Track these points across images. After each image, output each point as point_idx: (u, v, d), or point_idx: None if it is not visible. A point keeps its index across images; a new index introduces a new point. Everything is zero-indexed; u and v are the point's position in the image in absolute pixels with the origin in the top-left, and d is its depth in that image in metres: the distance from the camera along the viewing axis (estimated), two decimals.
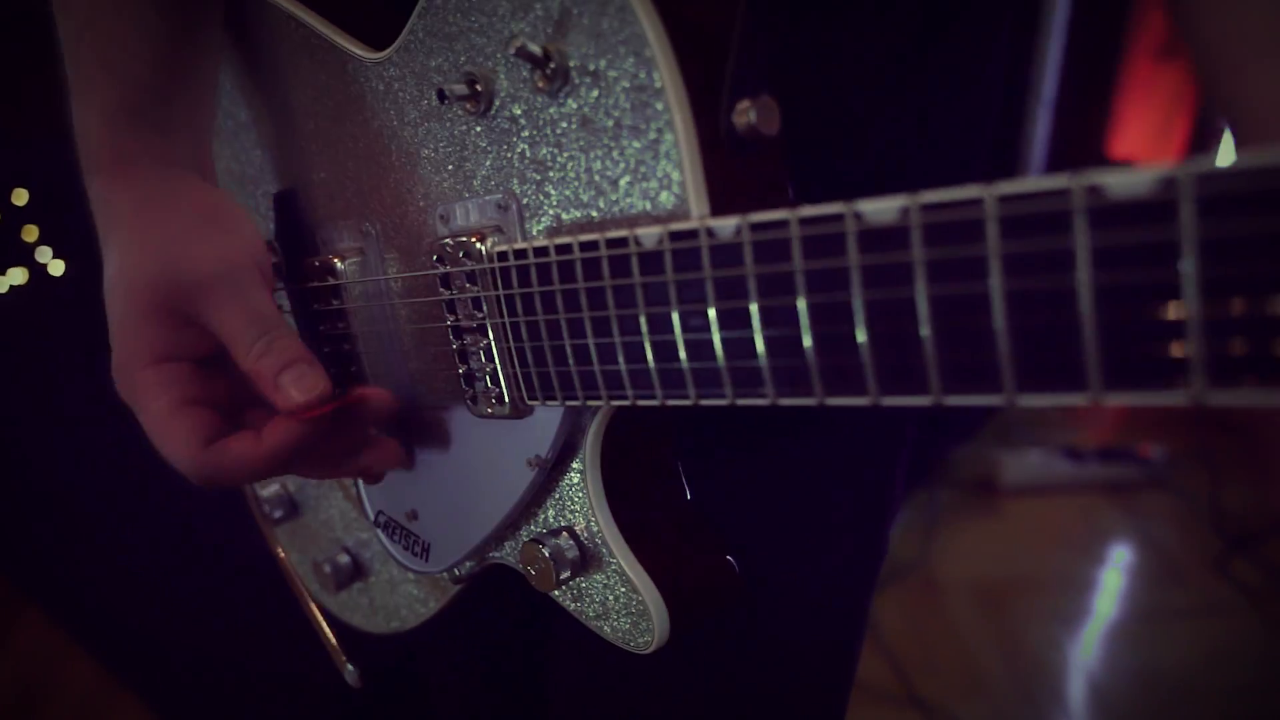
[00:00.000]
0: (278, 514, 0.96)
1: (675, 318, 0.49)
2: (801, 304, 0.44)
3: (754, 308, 0.46)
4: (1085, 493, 2.72)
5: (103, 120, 0.65)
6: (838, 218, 0.41)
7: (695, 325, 0.48)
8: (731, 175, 0.51)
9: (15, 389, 2.34)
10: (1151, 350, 0.35)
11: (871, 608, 0.90)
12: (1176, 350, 0.34)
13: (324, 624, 0.84)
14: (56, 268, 2.28)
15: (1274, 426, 2.65)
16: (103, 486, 2.25)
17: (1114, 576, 2.43)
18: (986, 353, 0.39)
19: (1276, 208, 0.31)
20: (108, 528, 2.23)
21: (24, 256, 2.32)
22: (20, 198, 2.44)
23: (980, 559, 2.48)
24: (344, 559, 0.92)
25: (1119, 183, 0.34)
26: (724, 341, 0.48)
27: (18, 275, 2.31)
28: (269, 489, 0.97)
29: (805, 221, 0.42)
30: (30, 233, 2.40)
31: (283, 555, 0.86)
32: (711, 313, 0.47)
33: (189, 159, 0.70)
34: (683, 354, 0.50)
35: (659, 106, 0.49)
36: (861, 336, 0.42)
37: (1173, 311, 0.34)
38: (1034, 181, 0.36)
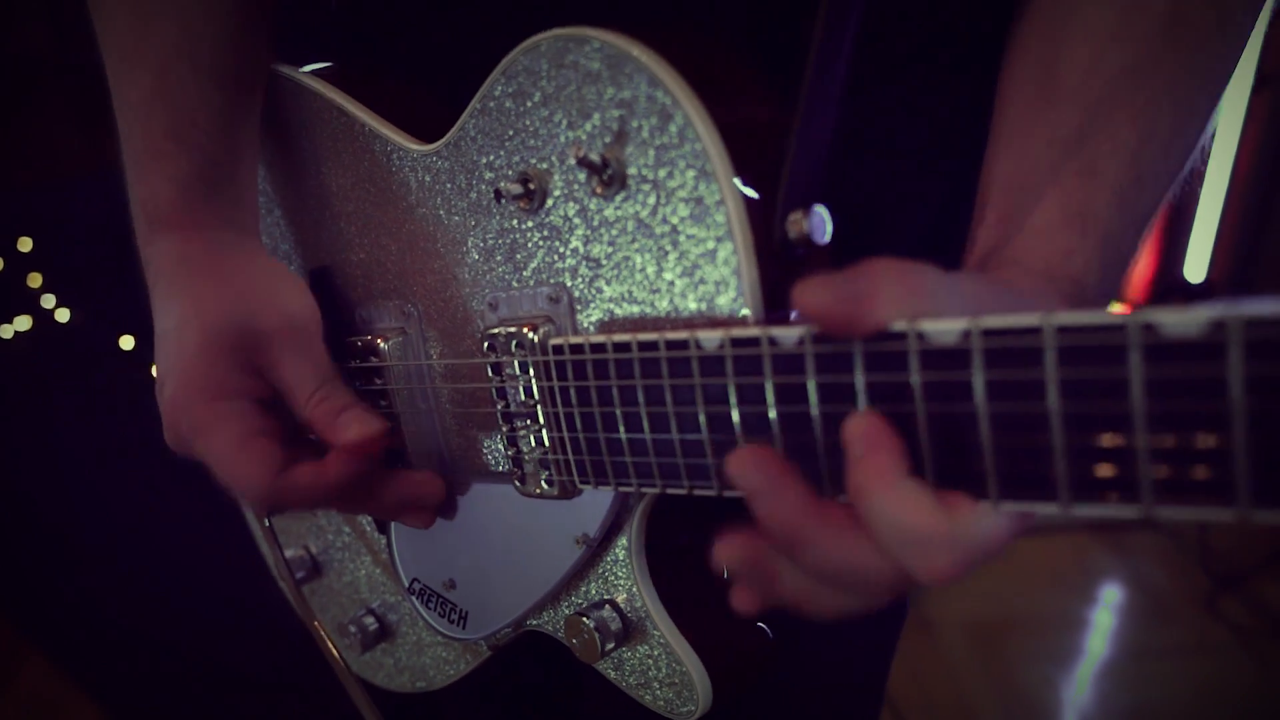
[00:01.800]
0: (299, 575, 0.97)
1: (735, 418, 0.51)
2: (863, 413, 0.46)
3: (815, 413, 0.48)
4: (1076, 533, 2.76)
5: (178, 187, 0.69)
6: (900, 336, 0.44)
7: (755, 425, 0.51)
8: (785, 281, 0.53)
9: (18, 433, 2.35)
10: (1194, 472, 0.38)
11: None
12: (1215, 473, 0.37)
13: (358, 686, 0.85)
14: (63, 315, 2.31)
15: None
16: (109, 529, 2.25)
17: (1105, 615, 2.47)
18: (1044, 465, 0.42)
19: None
20: (112, 571, 2.23)
21: (29, 303, 2.36)
22: (25, 245, 2.47)
23: (973, 599, 2.51)
24: (369, 621, 0.93)
25: (1173, 323, 0.37)
26: (784, 440, 0.50)
27: (23, 322, 2.35)
28: (290, 551, 0.98)
29: (869, 337, 0.45)
30: (34, 279, 2.43)
31: (317, 624, 0.88)
32: (772, 415, 0.50)
33: (254, 226, 0.75)
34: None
35: (719, 218, 0.52)
36: (923, 447, 0.45)
37: (1222, 439, 0.37)
38: (1089, 316, 0.39)
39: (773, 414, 0.50)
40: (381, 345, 0.75)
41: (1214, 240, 2.83)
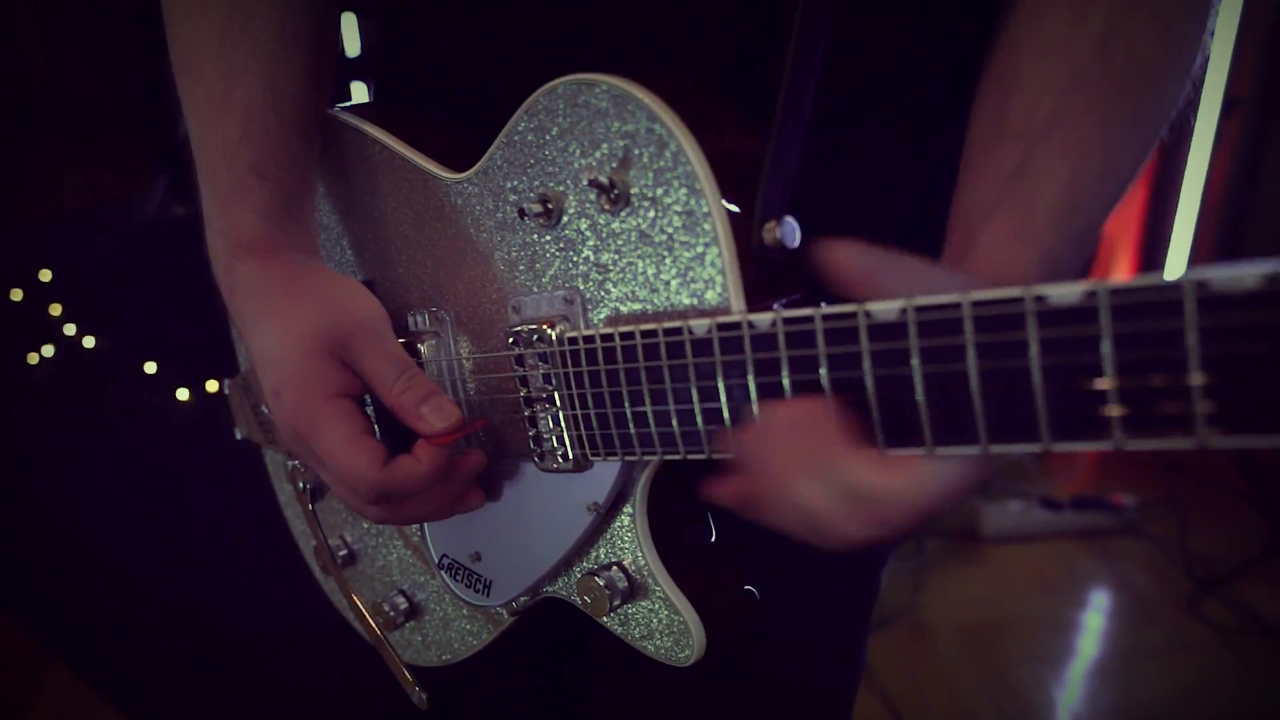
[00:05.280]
0: (338, 561, 1.07)
1: (721, 389, 0.62)
2: (824, 377, 0.57)
3: (786, 381, 0.59)
4: (1063, 540, 2.86)
5: (260, 216, 0.79)
6: (851, 315, 0.55)
7: (738, 395, 0.62)
8: (761, 278, 0.65)
9: (44, 455, 2.45)
10: (1087, 411, 0.49)
11: (866, 647, 1.03)
12: (1092, 412, 0.48)
13: (395, 654, 0.94)
14: (89, 341, 2.45)
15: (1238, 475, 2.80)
16: (131, 542, 2.34)
17: (1094, 618, 2.56)
18: (964, 413, 0.52)
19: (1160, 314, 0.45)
20: (136, 583, 2.31)
21: (52, 332, 2.50)
22: (45, 276, 2.61)
23: (966, 604, 2.60)
24: (400, 600, 1.03)
25: (1057, 293, 0.48)
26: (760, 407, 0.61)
27: (47, 349, 2.49)
28: (330, 541, 1.09)
29: (827, 317, 0.56)
30: (55, 309, 2.57)
31: (356, 599, 0.97)
32: (751, 385, 0.61)
33: (316, 245, 0.85)
34: (727, 417, 0.63)
35: (707, 227, 0.63)
36: (871, 402, 0.56)
37: (1100, 384, 0.48)
38: (996, 291, 0.50)
39: (752, 384, 0.61)
40: (419, 347, 0.85)
41: (1189, 256, 2.96)
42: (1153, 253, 3.07)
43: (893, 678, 2.30)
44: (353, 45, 2.78)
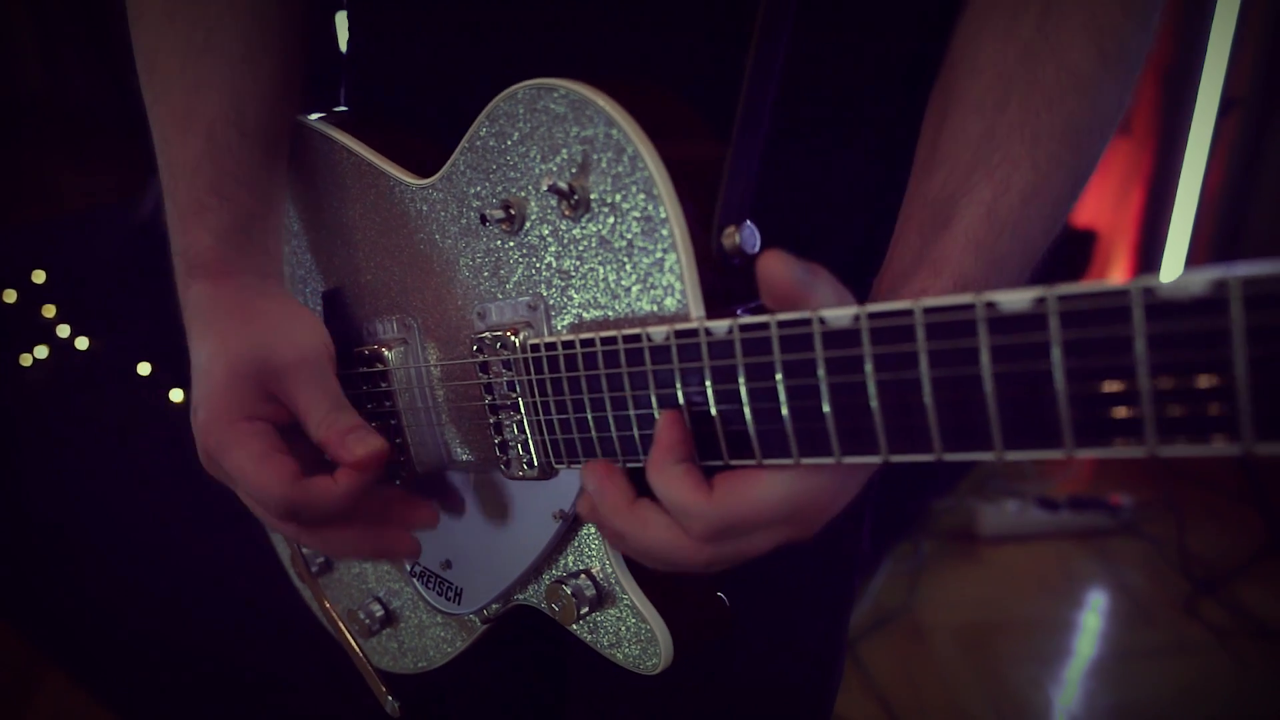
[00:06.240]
0: (313, 569, 1.07)
1: (680, 397, 0.62)
2: (780, 384, 0.57)
3: (743, 389, 0.58)
4: (1060, 540, 2.85)
5: (216, 238, 0.78)
6: (806, 322, 0.54)
7: (696, 401, 0.61)
8: (721, 284, 0.64)
9: (37, 456, 2.46)
10: (1038, 417, 0.48)
11: (858, 650, 1.02)
12: (1036, 418, 0.47)
13: (367, 662, 0.94)
14: (81, 343, 2.45)
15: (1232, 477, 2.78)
16: (124, 544, 2.34)
17: (1091, 618, 2.55)
18: (919, 422, 0.52)
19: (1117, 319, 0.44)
20: (129, 586, 2.31)
21: (45, 333, 2.50)
22: (38, 277, 2.61)
23: (963, 604, 2.59)
24: (376, 608, 1.03)
25: (1007, 300, 0.47)
26: (720, 414, 0.60)
27: (40, 351, 2.49)
28: (305, 548, 1.08)
29: (782, 324, 0.55)
30: (49, 310, 2.57)
31: (329, 606, 0.97)
32: (709, 392, 0.60)
33: (278, 269, 0.84)
34: (688, 423, 0.62)
35: (664, 232, 0.62)
36: (826, 408, 0.55)
37: (1051, 390, 0.47)
38: (948, 298, 0.49)
39: (710, 391, 0.60)
40: (386, 354, 0.85)
41: (1186, 256, 2.95)
42: (1150, 253, 3.05)
43: (889, 678, 2.29)
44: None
